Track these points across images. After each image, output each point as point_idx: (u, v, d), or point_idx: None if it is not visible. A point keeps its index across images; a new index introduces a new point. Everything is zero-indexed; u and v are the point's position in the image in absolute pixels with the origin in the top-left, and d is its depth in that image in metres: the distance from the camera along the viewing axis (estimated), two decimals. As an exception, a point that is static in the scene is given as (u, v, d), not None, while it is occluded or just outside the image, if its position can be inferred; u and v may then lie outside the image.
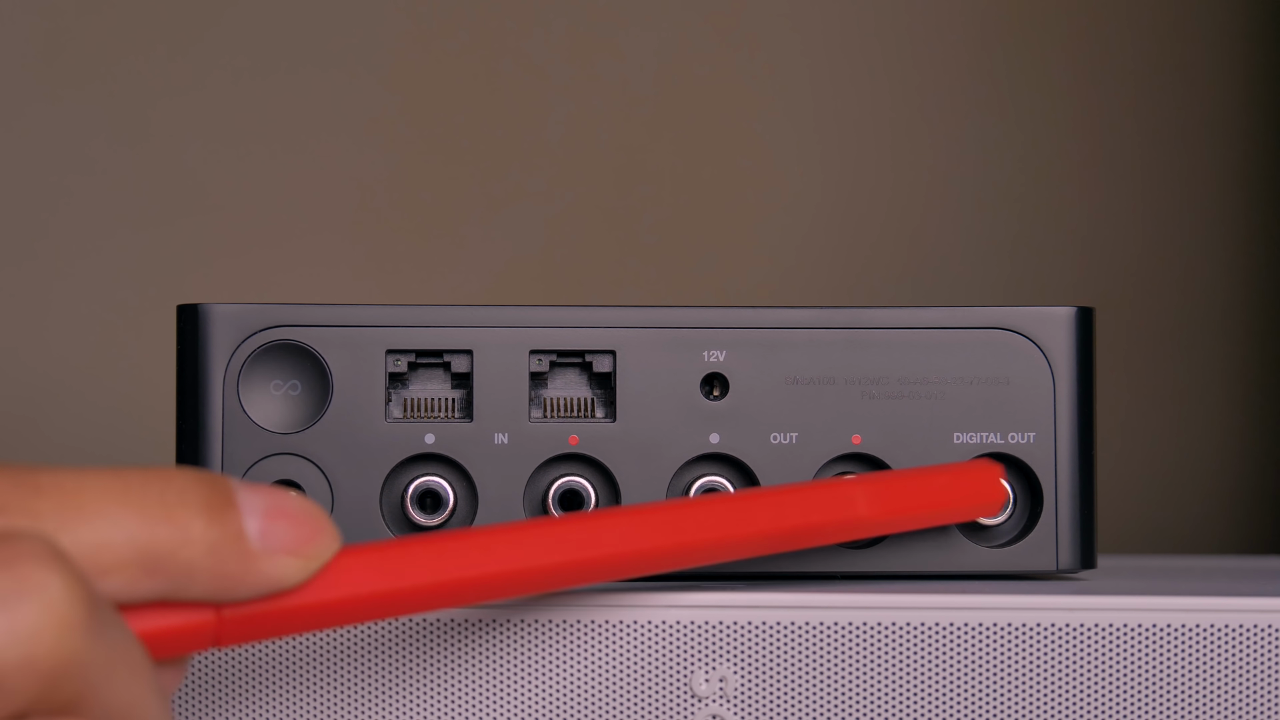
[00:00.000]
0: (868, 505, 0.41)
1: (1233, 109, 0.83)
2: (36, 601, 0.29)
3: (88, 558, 0.30)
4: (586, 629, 0.40)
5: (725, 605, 0.40)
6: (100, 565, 0.31)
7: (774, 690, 0.40)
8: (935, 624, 0.40)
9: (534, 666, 0.40)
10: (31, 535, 0.29)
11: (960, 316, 0.45)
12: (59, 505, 0.30)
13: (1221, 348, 0.82)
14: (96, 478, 0.31)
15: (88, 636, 0.29)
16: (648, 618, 0.40)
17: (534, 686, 0.40)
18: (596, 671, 0.40)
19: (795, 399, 0.44)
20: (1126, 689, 0.40)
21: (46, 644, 0.29)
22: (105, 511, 0.31)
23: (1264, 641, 0.40)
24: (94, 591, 0.30)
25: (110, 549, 0.31)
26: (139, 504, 0.31)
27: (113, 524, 0.31)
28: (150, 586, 0.31)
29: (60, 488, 0.31)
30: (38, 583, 0.29)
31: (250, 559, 0.32)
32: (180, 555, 0.31)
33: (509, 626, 0.40)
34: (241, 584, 0.32)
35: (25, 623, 0.29)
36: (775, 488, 0.41)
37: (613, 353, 0.44)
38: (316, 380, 0.44)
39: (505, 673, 0.40)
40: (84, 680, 0.29)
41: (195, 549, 0.31)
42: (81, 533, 0.30)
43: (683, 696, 0.40)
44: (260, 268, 0.80)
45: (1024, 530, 0.45)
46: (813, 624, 0.40)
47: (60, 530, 0.30)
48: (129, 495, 0.31)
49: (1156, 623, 0.40)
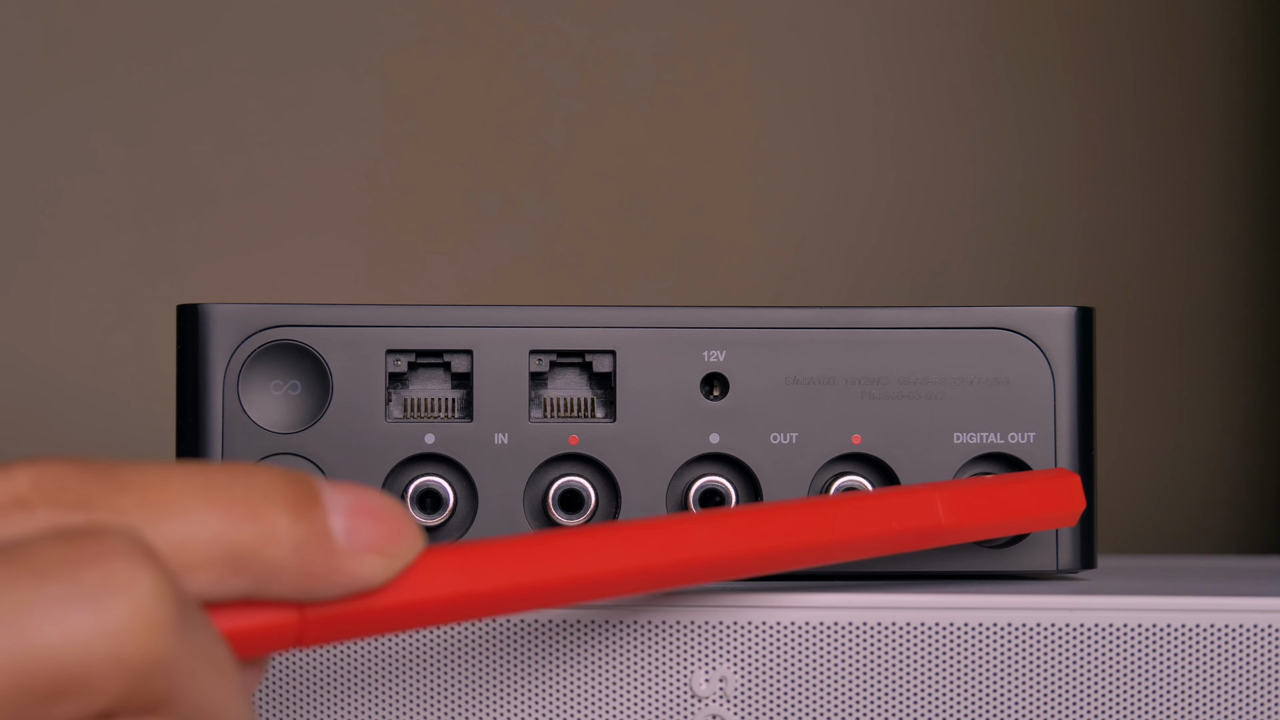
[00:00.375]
0: (947, 513, 0.40)
1: (1233, 109, 0.83)
2: (126, 599, 0.28)
3: (173, 555, 0.30)
4: (587, 629, 0.40)
5: (725, 605, 0.40)
6: (186, 563, 0.30)
7: (774, 690, 0.40)
8: (935, 624, 0.40)
9: (534, 666, 0.40)
10: (120, 531, 0.29)
11: (960, 316, 0.45)
12: (145, 501, 0.30)
13: (1221, 348, 0.82)
14: (182, 473, 0.31)
15: (175, 635, 0.29)
16: (648, 618, 0.40)
17: (534, 686, 0.40)
18: (596, 671, 0.40)
19: (795, 399, 0.44)
20: (1126, 689, 0.40)
21: (135, 642, 0.28)
22: (191, 508, 0.30)
23: (1264, 641, 0.40)
24: (181, 589, 0.29)
25: (196, 546, 0.30)
26: (225, 501, 0.31)
27: (198, 521, 0.30)
28: (235, 584, 0.31)
29: (146, 484, 0.30)
30: (126, 580, 0.28)
31: (335, 557, 0.32)
32: (265, 553, 0.31)
33: (508, 626, 0.40)
34: (326, 583, 0.32)
35: (114, 620, 0.28)
36: (852, 495, 0.40)
37: (613, 353, 0.44)
38: (316, 380, 0.44)
39: (505, 673, 0.40)
40: (171, 679, 0.29)
41: (280, 547, 0.31)
42: (167, 530, 0.30)
43: (683, 696, 0.40)
44: (260, 268, 0.80)
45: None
46: (813, 624, 0.40)
47: (146, 527, 0.30)
48: (214, 492, 0.31)
49: (1156, 623, 0.40)
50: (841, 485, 0.44)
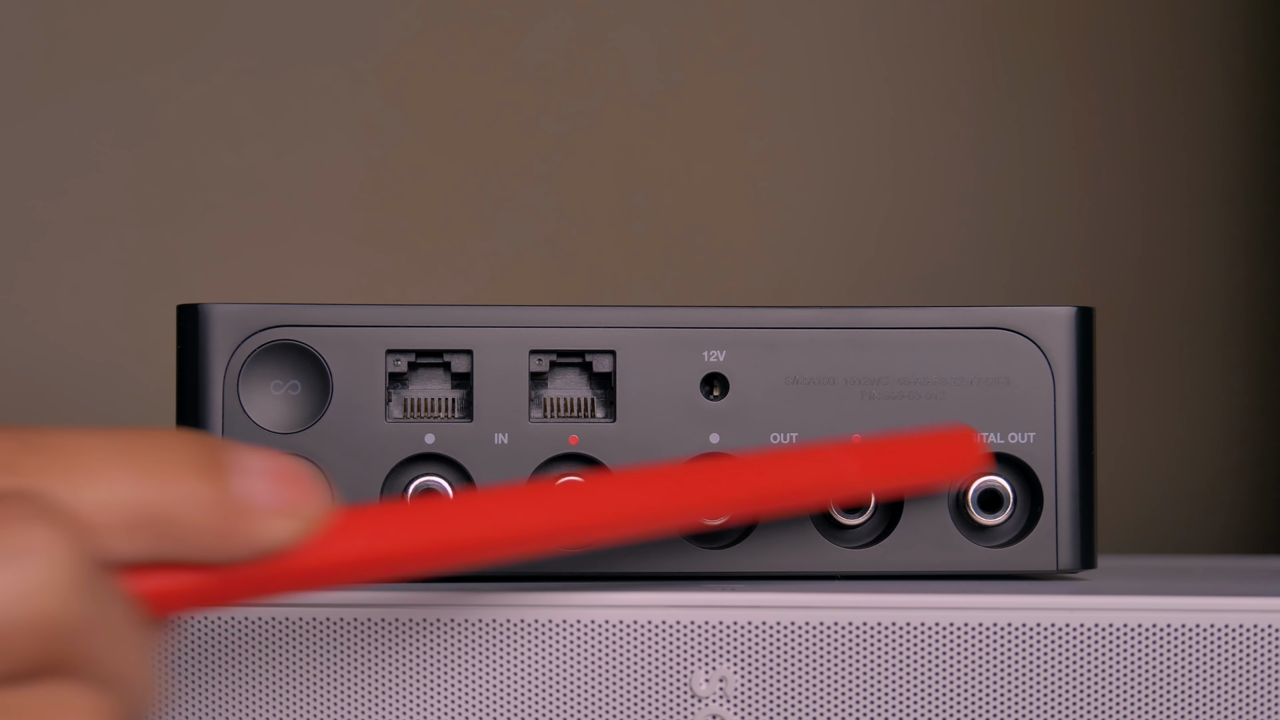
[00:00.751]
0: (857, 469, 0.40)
1: (1233, 109, 0.83)
2: (36, 561, 0.29)
3: (86, 518, 0.30)
4: (587, 629, 0.40)
5: (725, 605, 0.40)
6: (98, 525, 0.30)
7: (774, 690, 0.40)
8: (935, 624, 0.40)
9: (535, 666, 0.40)
10: (32, 494, 0.29)
11: (960, 316, 0.45)
12: (57, 465, 0.30)
13: (1221, 348, 0.82)
14: (95, 438, 0.31)
15: (84, 597, 0.29)
16: (648, 618, 0.40)
17: (535, 686, 0.40)
18: (597, 671, 0.40)
19: (795, 399, 0.44)
20: (1126, 689, 0.40)
21: (46, 603, 0.29)
22: (103, 472, 0.31)
23: (1264, 641, 0.40)
24: (93, 552, 0.30)
25: (108, 509, 0.31)
26: (137, 465, 0.31)
27: (111, 484, 0.31)
28: (149, 546, 0.31)
29: (60, 448, 0.31)
30: (37, 542, 0.29)
31: (243, 519, 0.32)
32: (176, 515, 0.31)
33: (509, 626, 0.40)
34: (236, 544, 0.32)
35: (25, 582, 0.28)
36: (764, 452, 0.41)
37: (613, 353, 0.44)
38: (316, 380, 0.44)
39: (506, 672, 0.40)
40: (81, 640, 0.29)
41: (190, 509, 0.31)
42: (81, 493, 0.30)
43: (683, 696, 0.40)
44: (260, 268, 0.80)
45: (1024, 530, 0.45)
46: (813, 624, 0.40)
47: (62, 490, 0.30)
48: (127, 456, 0.31)
49: (1156, 623, 0.40)
50: (841, 485, 0.44)
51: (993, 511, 0.44)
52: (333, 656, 0.40)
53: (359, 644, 0.40)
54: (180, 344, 0.44)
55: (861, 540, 0.44)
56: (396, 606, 0.40)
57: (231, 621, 0.40)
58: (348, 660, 0.40)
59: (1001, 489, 0.44)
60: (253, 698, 0.40)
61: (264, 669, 0.40)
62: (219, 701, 0.40)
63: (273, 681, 0.40)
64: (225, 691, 0.40)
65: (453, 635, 0.40)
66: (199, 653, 0.40)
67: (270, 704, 0.40)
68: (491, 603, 0.40)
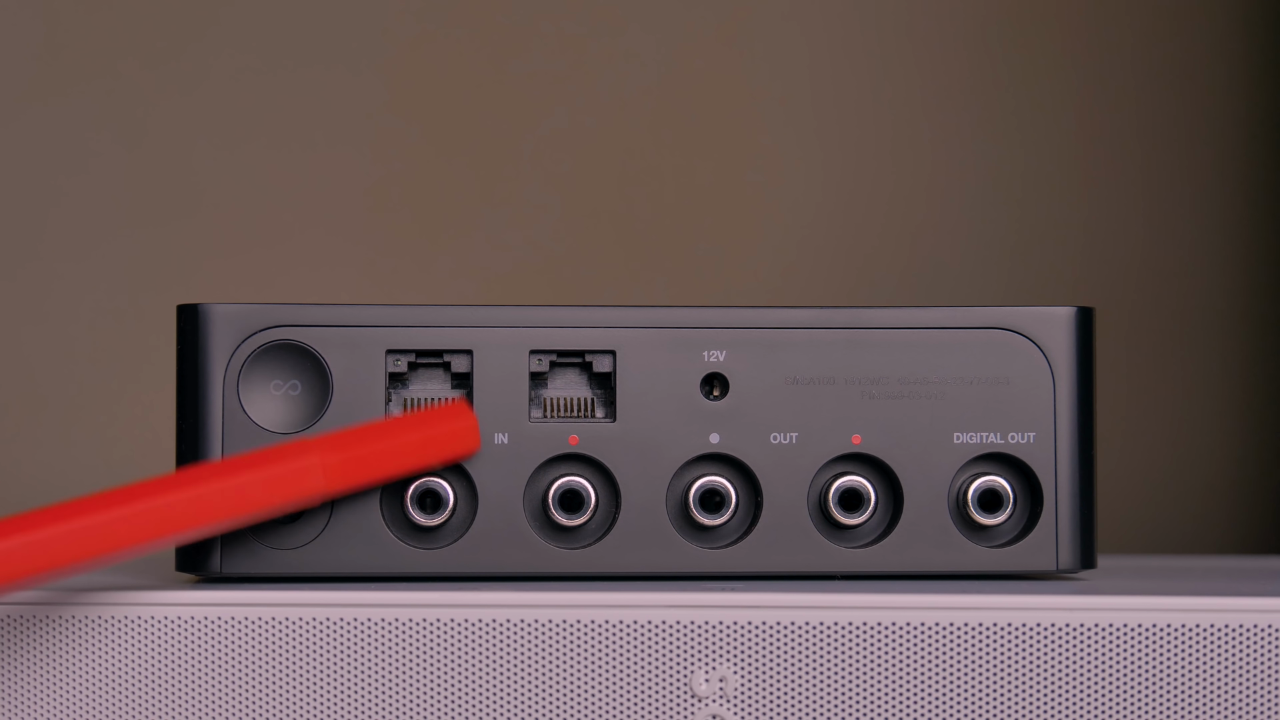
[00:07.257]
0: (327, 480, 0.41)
1: (1233, 109, 0.83)
2: None
3: None
4: (587, 629, 0.40)
5: (725, 605, 0.40)
6: None
7: (774, 690, 0.40)
8: (935, 624, 0.40)
9: (534, 666, 0.40)
10: None
11: (960, 316, 0.45)
12: None
13: (1221, 348, 0.82)
14: None
15: None
16: (648, 618, 0.40)
17: (535, 686, 0.40)
18: (597, 671, 0.40)
19: (795, 399, 0.44)
20: (1126, 689, 0.40)
21: None
22: None
23: (1264, 641, 0.40)
24: None
25: None
26: None
27: None
28: None
29: None
30: None
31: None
32: None
33: (509, 626, 0.40)
34: None
35: None
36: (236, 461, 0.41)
37: (613, 353, 0.44)
38: (316, 380, 0.44)
39: (506, 673, 0.40)
40: None
41: None
42: None
43: (683, 696, 0.40)
44: (260, 268, 0.80)
45: (1024, 530, 0.45)
46: (813, 624, 0.40)
47: None
48: None
49: (1156, 623, 0.40)
50: (841, 486, 0.44)
51: (993, 511, 0.44)
52: (332, 657, 0.40)
53: (359, 644, 0.40)
54: (180, 344, 0.44)
55: (861, 540, 0.44)
56: (397, 606, 0.40)
57: (232, 621, 0.40)
58: (347, 660, 0.40)
59: (1001, 489, 0.44)
60: (252, 698, 0.40)
61: (264, 669, 0.40)
62: (218, 701, 0.40)
63: (272, 681, 0.40)
64: (225, 691, 0.40)
65: (453, 635, 0.40)
66: (199, 653, 0.40)
67: (270, 704, 0.40)
68: (491, 603, 0.40)
